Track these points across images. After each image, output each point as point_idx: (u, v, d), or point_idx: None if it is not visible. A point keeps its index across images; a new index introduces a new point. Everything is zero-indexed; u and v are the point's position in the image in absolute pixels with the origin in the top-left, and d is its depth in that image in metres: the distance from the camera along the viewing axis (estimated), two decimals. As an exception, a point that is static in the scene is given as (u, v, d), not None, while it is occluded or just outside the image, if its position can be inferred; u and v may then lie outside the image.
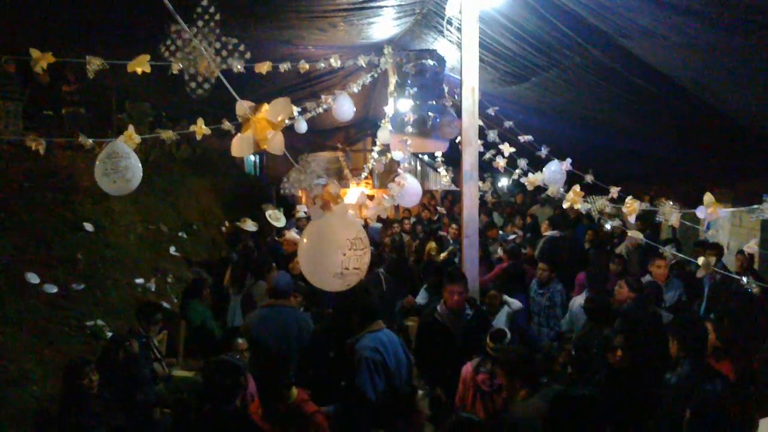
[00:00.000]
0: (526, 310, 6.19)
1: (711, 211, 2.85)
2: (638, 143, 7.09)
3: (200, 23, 1.93)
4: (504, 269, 6.80)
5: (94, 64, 2.90)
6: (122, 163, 3.83)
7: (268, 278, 5.99)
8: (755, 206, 2.57)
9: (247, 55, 2.29)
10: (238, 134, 1.92)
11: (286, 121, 5.44)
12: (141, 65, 2.37)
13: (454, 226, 10.24)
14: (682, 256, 3.70)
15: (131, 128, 3.81)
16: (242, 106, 1.87)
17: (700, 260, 3.01)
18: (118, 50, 3.66)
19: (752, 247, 3.13)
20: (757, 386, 4.12)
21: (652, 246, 4.02)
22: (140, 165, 4.02)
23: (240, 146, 1.92)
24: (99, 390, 3.97)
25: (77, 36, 5.14)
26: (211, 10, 1.95)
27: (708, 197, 2.87)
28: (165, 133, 4.14)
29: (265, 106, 1.89)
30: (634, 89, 4.82)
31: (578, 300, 5.74)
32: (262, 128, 1.90)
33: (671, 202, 3.16)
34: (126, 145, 3.81)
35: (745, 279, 2.88)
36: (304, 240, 2.60)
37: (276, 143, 1.96)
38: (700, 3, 2.95)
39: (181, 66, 2.02)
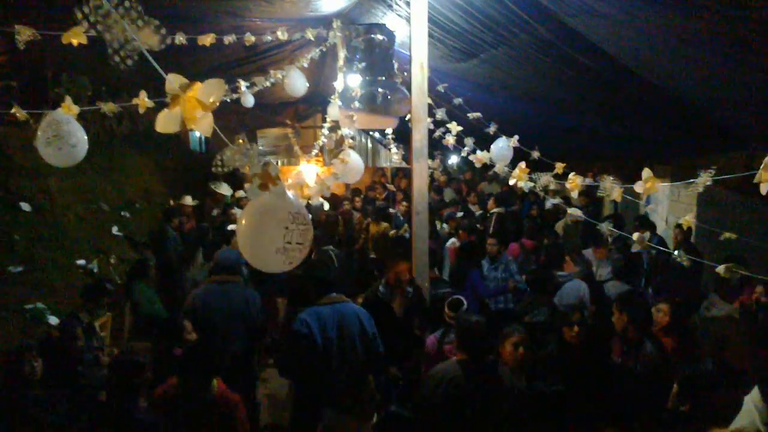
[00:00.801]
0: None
1: (649, 186, 2.94)
2: (582, 120, 7.26)
3: None
4: (463, 245, 6.88)
5: (24, 34, 2.72)
6: (64, 128, 3.64)
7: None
8: (691, 180, 2.67)
9: (161, 43, 2.17)
10: (164, 109, 1.84)
11: (234, 96, 5.32)
12: (76, 36, 2.23)
13: (404, 203, 10.31)
14: (618, 231, 3.82)
15: (69, 99, 3.62)
16: (171, 82, 1.79)
17: (635, 236, 3.12)
18: (49, 20, 3.47)
19: (688, 220, 3.26)
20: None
21: (591, 222, 4.14)
22: (84, 132, 3.83)
23: (165, 122, 1.83)
24: (42, 376, 3.84)
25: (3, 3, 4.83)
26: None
27: (646, 172, 2.96)
28: (106, 106, 3.96)
29: (197, 85, 1.81)
30: (578, 67, 4.91)
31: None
32: (191, 107, 1.81)
33: (612, 178, 3.25)
34: (65, 114, 3.63)
35: (676, 252, 3.00)
36: (243, 219, 2.53)
37: (205, 125, 1.88)
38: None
39: (104, 37, 1.92)
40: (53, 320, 5.52)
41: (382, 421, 3.30)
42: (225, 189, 9.87)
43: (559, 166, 3.98)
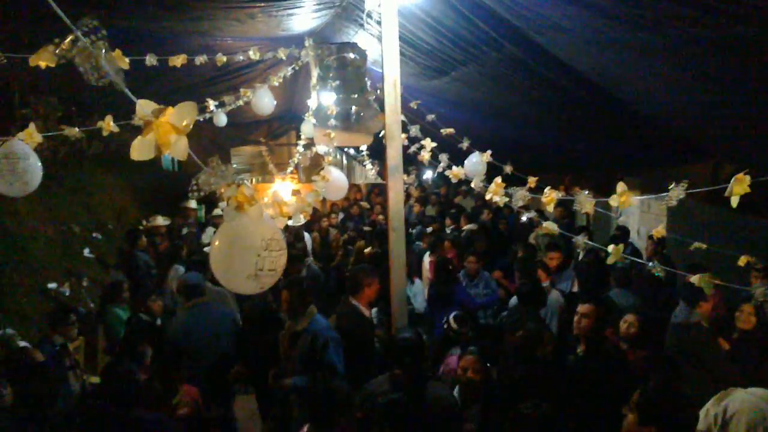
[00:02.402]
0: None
1: (623, 200, 2.98)
2: (551, 135, 7.39)
3: (85, 29, 1.83)
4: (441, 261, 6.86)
5: (-8, 56, 2.68)
6: (20, 165, 3.57)
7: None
8: (663, 194, 2.72)
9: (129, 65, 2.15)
10: (138, 137, 1.82)
11: (206, 115, 5.31)
12: (45, 59, 2.20)
13: (381, 216, 10.33)
14: (593, 244, 3.88)
15: (32, 126, 3.55)
16: (143, 109, 1.77)
17: (610, 248, 3.16)
18: (14, 43, 3.43)
19: (660, 231, 3.32)
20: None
21: (565, 234, 4.21)
22: (40, 165, 3.76)
23: (140, 150, 1.81)
24: (12, 404, 3.74)
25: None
26: (94, 23, 1.85)
27: (621, 186, 3.00)
28: (69, 131, 3.90)
29: (170, 110, 1.80)
30: (547, 83, 5.01)
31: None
32: (165, 132, 1.79)
33: (586, 192, 3.30)
34: (25, 145, 3.56)
35: (650, 264, 3.05)
36: (216, 242, 2.50)
37: (180, 149, 1.86)
38: (607, 1, 3.10)
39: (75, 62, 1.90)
40: (23, 345, 5.39)
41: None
42: (192, 204, 9.77)
43: (532, 180, 4.03)
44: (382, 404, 3.23)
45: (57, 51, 2.00)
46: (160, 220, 8.85)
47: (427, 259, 7.45)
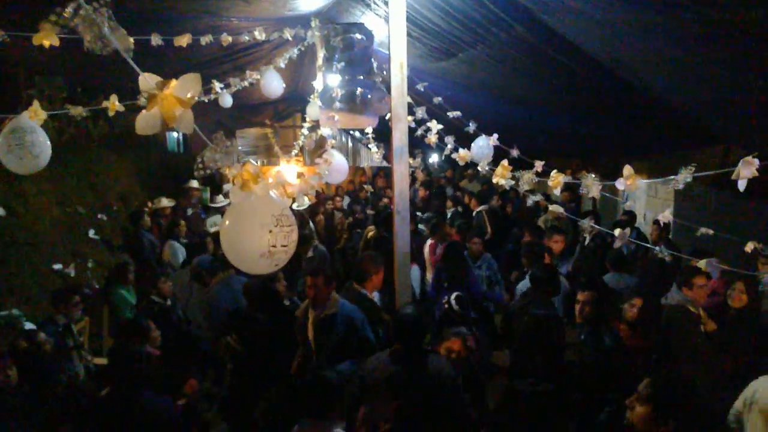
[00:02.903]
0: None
1: (630, 183, 2.96)
2: (560, 119, 7.32)
3: None
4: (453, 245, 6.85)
5: (-5, 35, 2.65)
6: (27, 138, 3.56)
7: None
8: (671, 177, 2.69)
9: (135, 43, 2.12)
10: (143, 111, 1.79)
11: (211, 96, 5.26)
12: (48, 38, 2.17)
13: (385, 200, 10.31)
14: (599, 228, 3.86)
15: (36, 104, 3.54)
16: (147, 82, 1.74)
17: (617, 232, 3.14)
18: (20, 20, 3.39)
19: (667, 216, 3.29)
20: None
21: (572, 218, 4.19)
22: (48, 140, 3.76)
23: (145, 124, 1.78)
24: (17, 384, 3.77)
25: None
26: None
27: (627, 169, 2.97)
28: (74, 110, 3.88)
29: (173, 83, 1.76)
30: (556, 65, 4.95)
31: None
32: (169, 106, 1.76)
33: (593, 175, 3.27)
34: (32, 121, 3.55)
35: (657, 248, 3.03)
36: (226, 222, 2.47)
37: (185, 122, 1.83)
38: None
39: (78, 31, 1.86)
40: (29, 326, 5.42)
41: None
42: (195, 184, 9.75)
43: (539, 164, 4.00)
44: (382, 379, 3.27)
45: (59, 20, 1.96)
46: (165, 202, 8.86)
47: (427, 242, 7.43)
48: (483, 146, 5.33)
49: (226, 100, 5.66)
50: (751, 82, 3.84)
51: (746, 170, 2.35)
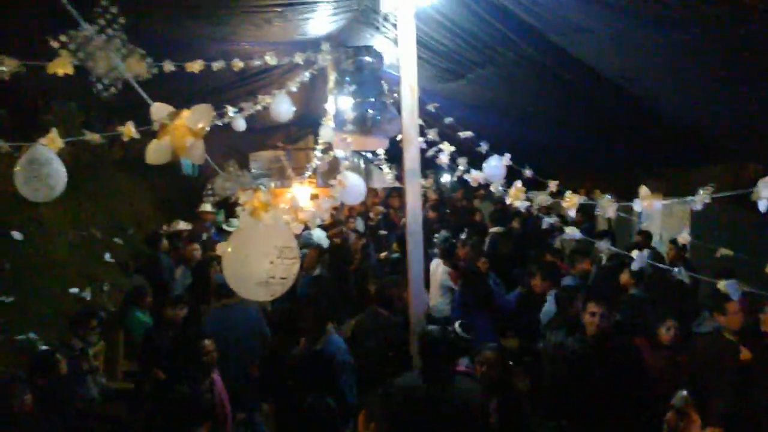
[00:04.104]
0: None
1: (647, 203, 2.91)
2: (571, 137, 7.29)
3: (102, 22, 1.82)
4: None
5: (9, 65, 2.70)
6: (44, 170, 3.61)
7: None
8: (689, 198, 2.65)
9: (149, 71, 2.15)
10: (153, 141, 1.80)
11: (225, 120, 5.32)
12: (62, 67, 2.20)
13: (404, 220, 10.27)
14: (616, 249, 3.80)
15: (54, 131, 3.59)
16: (159, 111, 1.75)
17: (635, 253, 3.09)
18: (35, 49, 3.46)
19: (685, 237, 3.24)
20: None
21: (588, 240, 4.15)
22: (64, 170, 3.81)
23: (155, 153, 1.79)
24: (33, 409, 3.77)
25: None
26: (113, 10, 1.84)
27: (644, 190, 2.92)
28: (91, 136, 3.94)
29: (185, 113, 1.77)
30: (565, 84, 4.95)
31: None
32: (180, 135, 1.77)
33: (608, 196, 3.23)
34: (48, 150, 3.60)
35: (676, 270, 2.97)
36: (229, 247, 2.48)
37: (196, 152, 1.84)
38: (627, 0, 3.05)
39: (87, 65, 1.89)
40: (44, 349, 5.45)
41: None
42: (208, 208, 9.78)
43: (552, 184, 3.97)
44: (409, 398, 3.26)
45: (74, 48, 1.99)
46: (182, 225, 8.89)
47: (441, 268, 7.35)
48: (495, 166, 5.31)
49: (240, 124, 5.72)
50: (763, 97, 3.81)
51: (766, 190, 2.30)
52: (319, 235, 9.18)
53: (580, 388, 4.15)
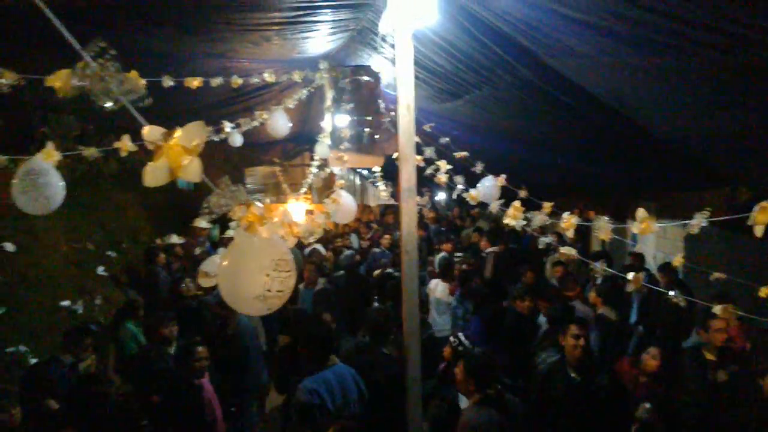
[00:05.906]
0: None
1: (644, 226, 2.91)
2: (566, 159, 7.34)
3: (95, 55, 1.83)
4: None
5: (8, 78, 2.71)
6: (41, 180, 3.60)
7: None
8: (685, 222, 2.66)
9: (148, 101, 2.16)
10: (150, 163, 1.80)
11: (221, 136, 5.34)
12: (60, 80, 2.21)
13: (386, 236, 10.26)
14: (612, 271, 3.80)
15: (50, 145, 3.59)
16: (151, 133, 1.75)
17: (630, 275, 3.10)
18: (29, 61, 3.47)
19: (679, 260, 3.25)
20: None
21: (582, 260, 4.15)
22: (61, 181, 3.80)
23: (153, 176, 1.78)
24: (22, 424, 3.73)
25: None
26: (111, 52, 1.85)
27: (641, 212, 2.92)
28: (87, 150, 3.93)
29: (178, 132, 1.77)
30: (561, 107, 4.99)
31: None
32: (176, 155, 1.77)
33: (605, 217, 3.24)
34: (45, 162, 3.59)
35: (672, 293, 2.98)
36: (224, 261, 2.47)
37: (192, 170, 1.84)
38: (623, 25, 3.09)
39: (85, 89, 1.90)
40: (34, 363, 5.39)
41: None
42: (203, 224, 9.78)
43: (547, 206, 3.99)
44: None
45: (76, 75, 2.00)
46: (175, 239, 8.89)
47: (441, 286, 7.36)
48: (490, 186, 5.34)
49: (236, 140, 5.74)
50: (757, 123, 3.86)
51: (762, 216, 2.31)
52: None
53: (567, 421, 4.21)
